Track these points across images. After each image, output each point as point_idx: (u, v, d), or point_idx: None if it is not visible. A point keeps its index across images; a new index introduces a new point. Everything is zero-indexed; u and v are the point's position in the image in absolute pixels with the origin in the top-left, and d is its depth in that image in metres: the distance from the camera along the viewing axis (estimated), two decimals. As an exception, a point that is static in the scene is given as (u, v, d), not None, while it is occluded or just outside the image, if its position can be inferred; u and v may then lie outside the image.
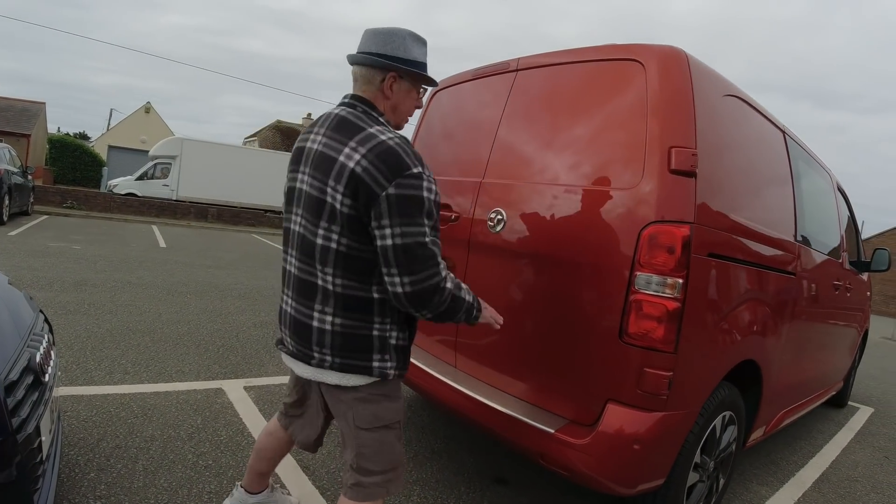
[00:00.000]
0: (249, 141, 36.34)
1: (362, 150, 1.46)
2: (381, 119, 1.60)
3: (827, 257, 3.54)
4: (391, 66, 1.58)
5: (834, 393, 4.84)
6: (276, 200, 22.61)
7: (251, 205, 21.56)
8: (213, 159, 21.73)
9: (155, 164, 21.89)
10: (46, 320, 2.10)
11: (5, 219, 10.51)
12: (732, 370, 2.35)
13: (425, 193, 1.46)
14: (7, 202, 10.55)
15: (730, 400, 2.42)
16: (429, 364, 2.65)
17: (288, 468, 2.59)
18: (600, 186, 2.10)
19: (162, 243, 11.19)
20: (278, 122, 35.52)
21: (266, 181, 22.22)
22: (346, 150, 1.48)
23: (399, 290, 1.48)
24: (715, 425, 2.37)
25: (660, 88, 2.00)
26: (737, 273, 2.27)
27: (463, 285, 1.65)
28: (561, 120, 2.33)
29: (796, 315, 2.98)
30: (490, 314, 1.80)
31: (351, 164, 1.45)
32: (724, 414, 2.41)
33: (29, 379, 1.58)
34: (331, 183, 1.49)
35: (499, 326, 1.85)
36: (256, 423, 3.02)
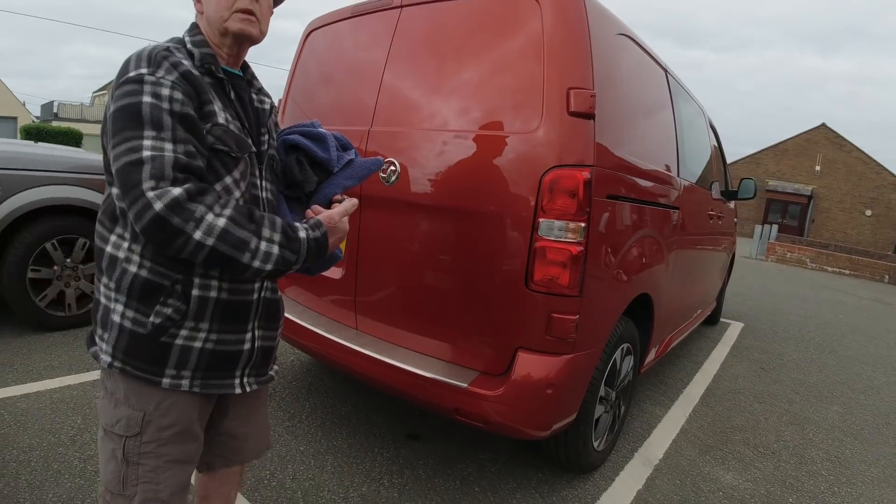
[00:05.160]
0: (98, 94, 32.35)
1: None
2: (185, 38, 1.28)
3: (703, 189, 3.77)
4: None
5: (709, 313, 5.29)
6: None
7: None
8: None
9: None
10: None
11: None
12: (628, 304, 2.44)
13: (146, 99, 1.10)
14: None
15: (628, 333, 2.53)
16: (325, 327, 2.51)
17: None
18: (498, 131, 2.03)
19: None
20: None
21: None
22: None
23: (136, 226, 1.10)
24: (615, 358, 2.47)
25: (556, 27, 1.93)
26: (632, 212, 2.32)
27: (266, 223, 1.16)
28: (452, 61, 2.20)
29: (680, 245, 3.16)
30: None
31: None
32: (622, 346, 2.52)
33: None
34: None
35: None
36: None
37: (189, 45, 1.25)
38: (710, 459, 2.87)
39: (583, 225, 1.88)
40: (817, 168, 26.20)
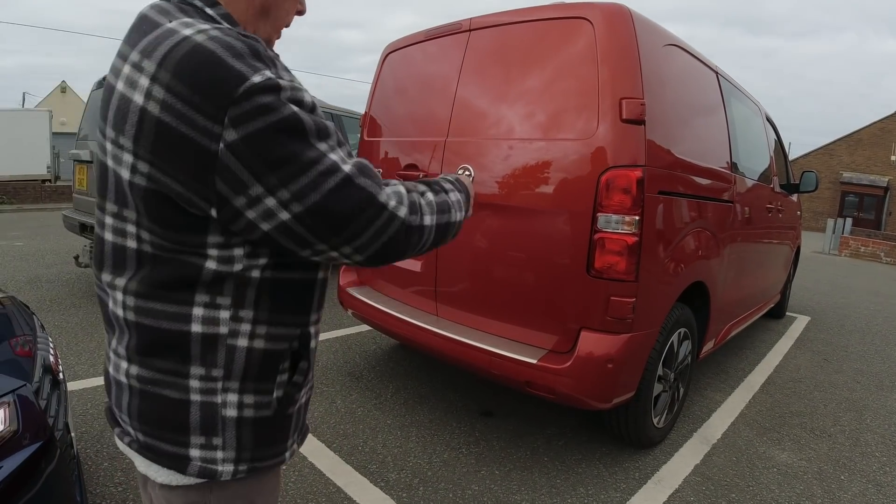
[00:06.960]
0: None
1: (150, 65, 0.74)
2: (209, 12, 0.84)
3: (759, 183, 3.89)
4: None
5: (773, 305, 5.33)
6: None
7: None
8: None
9: None
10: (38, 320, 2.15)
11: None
12: (684, 291, 2.65)
13: (293, 108, 0.77)
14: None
15: (684, 318, 2.73)
16: (410, 314, 2.85)
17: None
18: (560, 138, 2.30)
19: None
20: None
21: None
22: (127, 69, 0.77)
23: (351, 261, 0.86)
24: (672, 341, 2.68)
25: (608, 45, 2.19)
26: (683, 206, 2.54)
27: (434, 190, 0.98)
28: (518, 78, 2.49)
29: (735, 238, 3.32)
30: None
31: (138, 99, 0.74)
32: (679, 330, 2.73)
33: (48, 380, 1.64)
34: (110, 134, 0.79)
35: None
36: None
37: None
38: (766, 440, 3.02)
39: (637, 218, 2.13)
40: (893, 158, 24.84)
